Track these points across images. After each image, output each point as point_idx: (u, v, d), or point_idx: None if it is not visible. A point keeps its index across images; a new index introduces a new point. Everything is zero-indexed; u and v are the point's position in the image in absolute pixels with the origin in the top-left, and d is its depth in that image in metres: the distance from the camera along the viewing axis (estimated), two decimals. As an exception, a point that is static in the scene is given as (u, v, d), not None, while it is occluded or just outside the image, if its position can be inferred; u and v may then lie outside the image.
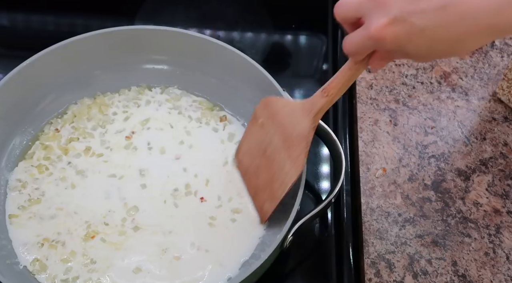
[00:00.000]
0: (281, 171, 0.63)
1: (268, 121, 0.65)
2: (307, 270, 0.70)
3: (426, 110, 0.80)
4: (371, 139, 0.77)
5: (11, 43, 0.91)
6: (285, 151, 0.62)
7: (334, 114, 0.82)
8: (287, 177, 0.62)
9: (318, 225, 0.73)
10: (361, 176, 0.74)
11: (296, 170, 0.62)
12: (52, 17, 0.95)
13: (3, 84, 0.71)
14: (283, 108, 0.64)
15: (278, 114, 0.64)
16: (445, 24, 0.45)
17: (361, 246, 0.69)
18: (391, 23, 0.47)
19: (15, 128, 0.75)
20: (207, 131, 0.77)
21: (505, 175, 0.75)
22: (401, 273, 0.67)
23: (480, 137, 0.78)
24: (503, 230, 0.70)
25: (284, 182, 0.63)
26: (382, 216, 0.71)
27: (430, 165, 0.75)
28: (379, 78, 0.83)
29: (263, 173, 0.66)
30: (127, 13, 0.93)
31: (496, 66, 0.85)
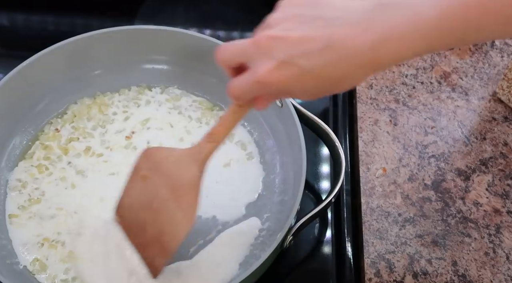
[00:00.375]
0: (172, 223, 0.60)
1: (151, 173, 0.61)
2: (307, 270, 0.70)
3: (426, 110, 0.80)
4: (371, 139, 0.77)
5: (11, 43, 0.91)
6: (174, 202, 0.59)
7: (334, 114, 0.82)
8: (179, 229, 0.59)
9: (318, 225, 0.73)
10: (361, 176, 0.74)
11: (189, 220, 0.59)
12: (52, 17, 0.95)
13: (3, 84, 0.71)
14: (167, 158, 0.61)
15: (162, 165, 0.60)
16: (330, 63, 0.46)
17: (361, 246, 0.69)
18: (278, 67, 0.47)
19: (15, 128, 0.75)
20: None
21: (505, 175, 0.75)
22: (401, 273, 0.67)
23: (480, 137, 0.78)
24: (503, 230, 0.70)
25: (176, 234, 0.59)
26: (382, 216, 0.71)
27: (430, 165, 0.75)
28: (379, 78, 0.83)
29: (150, 228, 0.61)
30: (127, 13, 0.93)
31: (496, 66, 0.85)
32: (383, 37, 0.44)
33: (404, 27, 0.44)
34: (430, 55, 0.86)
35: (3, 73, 0.72)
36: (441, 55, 0.86)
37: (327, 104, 0.84)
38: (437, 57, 0.86)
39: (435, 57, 0.86)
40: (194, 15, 0.93)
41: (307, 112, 0.71)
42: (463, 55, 0.86)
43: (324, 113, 0.82)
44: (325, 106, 0.84)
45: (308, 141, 0.68)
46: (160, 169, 0.60)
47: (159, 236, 0.60)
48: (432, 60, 0.85)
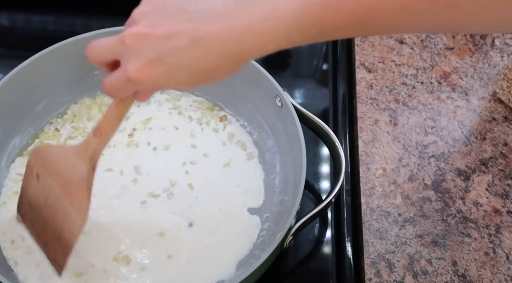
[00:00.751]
0: (67, 220, 0.60)
1: (43, 171, 0.61)
2: (307, 270, 0.70)
3: (426, 110, 0.80)
4: (371, 139, 0.77)
5: (11, 43, 0.91)
6: (66, 199, 0.59)
7: (334, 114, 0.82)
8: (74, 225, 0.59)
9: (318, 225, 0.73)
10: (361, 176, 0.74)
11: (82, 216, 0.58)
12: (52, 17, 0.95)
13: (3, 84, 0.71)
14: (57, 156, 0.60)
15: (53, 162, 0.60)
16: (198, 56, 0.47)
17: (361, 246, 0.69)
18: (147, 65, 0.47)
19: (15, 128, 0.75)
20: (208, 132, 0.77)
21: (505, 175, 0.75)
22: (401, 273, 0.67)
23: (480, 137, 0.78)
24: (503, 230, 0.70)
25: (73, 230, 0.59)
26: (382, 216, 0.71)
27: (430, 165, 0.75)
28: (379, 78, 0.83)
29: (49, 225, 0.61)
30: (127, 13, 0.93)
31: (496, 66, 0.85)
32: (245, 31, 0.45)
33: (265, 21, 0.45)
34: (430, 55, 0.86)
35: (3, 73, 0.72)
36: (441, 55, 0.86)
37: (327, 104, 0.84)
38: (437, 57, 0.86)
39: (435, 57, 0.86)
40: (194, 15, 0.93)
41: (307, 112, 0.71)
42: (463, 55, 0.86)
43: (324, 113, 0.82)
44: (325, 106, 0.84)
45: (308, 141, 0.68)
46: (51, 167, 0.60)
47: (59, 232, 0.60)
48: (432, 60, 0.85)
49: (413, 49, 0.87)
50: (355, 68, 0.84)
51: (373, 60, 0.85)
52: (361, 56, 0.85)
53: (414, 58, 0.86)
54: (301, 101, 0.84)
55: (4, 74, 0.71)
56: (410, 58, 0.86)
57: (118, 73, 0.50)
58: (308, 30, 0.45)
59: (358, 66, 0.84)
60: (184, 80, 0.49)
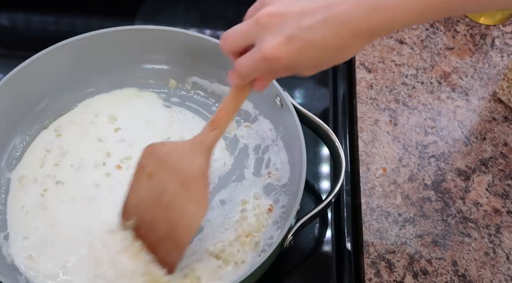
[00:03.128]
0: (184, 215, 0.60)
1: (157, 169, 0.62)
2: (307, 270, 0.70)
3: (426, 110, 0.80)
4: (371, 139, 0.77)
5: (11, 43, 0.91)
6: (184, 195, 0.60)
7: (334, 114, 0.82)
8: (193, 220, 0.60)
9: (318, 225, 0.73)
10: (361, 176, 0.74)
11: (202, 210, 0.60)
12: (52, 17, 0.95)
13: (3, 84, 0.71)
14: (171, 152, 0.61)
15: (167, 159, 0.61)
16: (330, 33, 0.48)
17: (361, 246, 0.69)
18: (284, 42, 0.49)
19: (15, 128, 0.75)
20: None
21: (505, 175, 0.75)
22: (401, 273, 0.67)
23: (480, 137, 0.78)
24: (503, 230, 0.70)
25: (190, 226, 0.60)
26: (382, 216, 0.71)
27: (430, 165, 0.75)
28: (379, 78, 0.83)
29: (161, 224, 0.62)
30: (127, 13, 0.93)
31: (496, 66, 0.85)
32: (375, 7, 0.47)
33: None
34: (430, 55, 0.86)
35: (3, 73, 0.72)
36: (441, 55, 0.86)
37: (327, 104, 0.84)
38: (437, 57, 0.86)
39: (435, 57, 0.86)
40: (194, 15, 0.93)
41: (307, 112, 0.71)
42: (463, 55, 0.86)
43: (324, 113, 0.82)
44: (325, 106, 0.84)
45: (308, 141, 0.68)
46: (166, 163, 0.61)
47: (171, 231, 0.61)
48: (432, 60, 0.85)
49: (413, 49, 0.87)
50: (355, 68, 0.84)
51: (373, 60, 0.85)
52: (361, 56, 0.86)
53: (414, 58, 0.86)
54: (301, 101, 0.84)
55: (4, 74, 0.71)
56: (410, 58, 0.86)
57: (253, 53, 0.51)
58: (438, 5, 0.46)
59: (358, 66, 0.84)
60: (315, 59, 0.50)
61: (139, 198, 0.64)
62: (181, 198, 0.60)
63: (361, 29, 0.48)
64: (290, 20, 0.48)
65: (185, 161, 0.60)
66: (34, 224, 0.68)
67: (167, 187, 0.61)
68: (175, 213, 0.61)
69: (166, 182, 0.61)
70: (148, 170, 0.62)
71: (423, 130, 0.78)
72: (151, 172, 0.62)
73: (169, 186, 0.61)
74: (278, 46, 0.49)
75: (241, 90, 0.56)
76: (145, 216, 0.63)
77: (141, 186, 0.63)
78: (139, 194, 0.64)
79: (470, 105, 0.81)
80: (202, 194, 0.60)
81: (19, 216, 0.69)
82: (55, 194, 0.71)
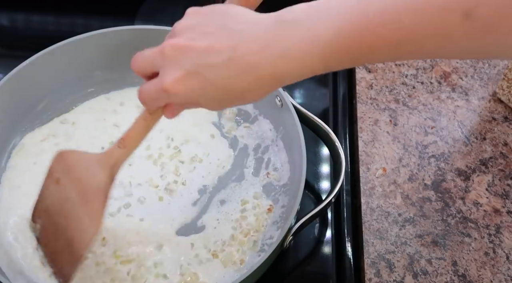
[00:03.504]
0: (79, 229, 0.58)
1: (64, 176, 0.60)
2: (307, 270, 0.70)
3: (426, 110, 0.80)
4: (371, 139, 0.77)
5: (11, 43, 0.91)
6: (82, 207, 0.58)
7: (334, 114, 0.82)
8: (86, 236, 0.58)
9: (318, 225, 0.73)
10: (361, 176, 0.74)
11: (95, 226, 0.58)
12: (52, 17, 0.95)
13: (3, 84, 0.71)
14: (79, 162, 0.60)
15: (74, 168, 0.60)
16: (233, 75, 0.47)
17: (361, 246, 0.69)
18: (184, 77, 0.48)
19: (15, 128, 0.75)
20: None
21: (505, 175, 0.75)
22: (401, 273, 0.67)
23: (480, 137, 0.78)
24: (503, 230, 0.70)
25: (83, 241, 0.58)
26: (382, 216, 0.71)
27: (430, 165, 0.75)
28: (379, 78, 0.83)
29: (61, 234, 0.60)
30: (127, 13, 0.93)
31: (496, 66, 0.85)
32: (282, 54, 0.46)
33: (302, 46, 0.45)
34: (430, 55, 0.86)
35: (3, 73, 0.72)
36: (441, 55, 0.86)
37: (327, 104, 0.84)
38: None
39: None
40: (194, 15, 0.93)
41: (307, 112, 0.71)
42: (463, 55, 0.86)
43: (324, 113, 0.82)
44: (325, 106, 0.84)
45: (308, 141, 0.68)
46: (72, 172, 0.60)
47: (69, 242, 0.59)
48: (432, 60, 0.85)
49: (413, 49, 0.86)
50: (355, 68, 0.84)
51: (373, 60, 0.85)
52: (361, 56, 0.85)
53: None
54: (301, 101, 0.84)
55: (4, 74, 0.71)
56: (410, 58, 0.86)
57: (154, 82, 0.51)
58: (344, 55, 0.45)
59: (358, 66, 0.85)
60: (215, 97, 0.49)
61: (46, 203, 0.62)
62: (79, 210, 0.58)
63: (267, 74, 0.47)
64: (193, 55, 0.47)
65: (88, 174, 0.59)
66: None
67: (70, 196, 0.59)
68: (73, 225, 0.59)
69: (69, 191, 0.59)
70: (56, 176, 0.61)
71: (423, 130, 0.78)
72: (59, 179, 0.61)
73: (71, 196, 0.59)
74: (177, 80, 0.48)
75: (151, 114, 0.55)
76: (50, 222, 0.62)
77: (49, 192, 0.62)
78: (47, 200, 0.62)
79: (470, 105, 0.81)
80: (98, 210, 0.58)
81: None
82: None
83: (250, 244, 0.68)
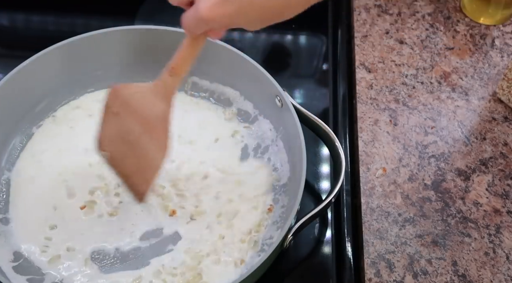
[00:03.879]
0: (148, 155, 0.63)
1: (122, 110, 0.63)
2: (307, 270, 0.70)
3: (426, 110, 0.80)
4: (371, 139, 0.77)
5: (11, 43, 0.91)
6: (147, 136, 0.62)
7: (334, 114, 0.82)
8: (156, 160, 0.62)
9: (318, 225, 0.73)
10: (361, 176, 0.74)
11: (163, 151, 0.62)
12: (52, 17, 0.95)
13: (3, 84, 0.71)
14: (135, 94, 0.63)
15: (130, 101, 0.62)
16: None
17: (361, 246, 0.69)
18: (218, 2, 0.50)
19: (15, 128, 0.75)
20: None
21: (505, 175, 0.75)
22: (401, 273, 0.67)
23: (480, 137, 0.78)
24: (503, 230, 0.70)
25: (154, 165, 0.63)
26: (382, 216, 0.71)
27: (430, 165, 0.75)
28: (379, 78, 0.83)
29: (130, 160, 0.64)
30: (127, 13, 0.93)
31: (496, 66, 0.85)
32: None
33: None
34: (430, 55, 0.86)
35: (3, 73, 0.72)
36: (441, 55, 0.86)
37: (327, 104, 0.84)
38: (437, 57, 0.86)
39: (435, 57, 0.86)
40: (194, 15, 0.93)
41: (307, 112, 0.71)
42: (463, 55, 0.86)
43: (324, 113, 0.82)
44: (325, 106, 0.84)
45: (308, 141, 0.68)
46: (130, 105, 0.62)
47: (139, 167, 0.63)
48: (432, 60, 0.85)
49: (413, 49, 0.87)
50: (355, 68, 0.84)
51: (373, 60, 0.85)
52: (361, 56, 0.86)
53: (414, 58, 0.86)
54: (301, 101, 0.84)
55: (4, 74, 0.71)
56: (410, 58, 0.86)
57: (191, 11, 0.52)
58: None
59: (358, 66, 0.85)
60: (255, 17, 0.51)
61: (110, 133, 0.65)
62: (144, 139, 0.62)
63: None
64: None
65: (147, 104, 0.61)
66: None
67: (132, 127, 0.62)
68: (141, 152, 0.63)
69: (130, 123, 0.62)
70: (114, 110, 0.64)
71: (423, 130, 0.78)
72: (118, 113, 0.63)
73: (133, 127, 0.62)
74: (212, 7, 0.50)
75: (196, 39, 0.57)
76: (117, 149, 0.65)
77: (110, 124, 0.65)
78: (109, 130, 0.65)
79: (470, 105, 0.81)
80: (163, 137, 0.61)
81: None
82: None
83: (250, 244, 0.68)
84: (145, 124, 0.61)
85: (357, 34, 0.88)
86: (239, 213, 0.70)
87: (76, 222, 0.69)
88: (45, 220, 0.69)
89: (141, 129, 0.62)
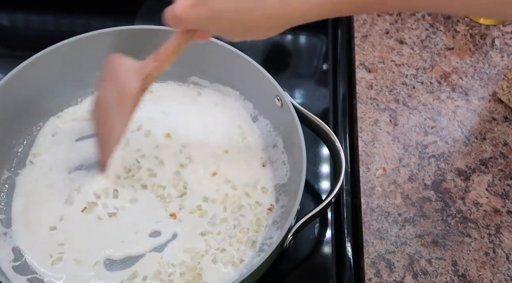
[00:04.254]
0: (113, 126, 0.66)
1: (110, 77, 0.67)
2: (307, 270, 0.70)
3: (426, 110, 0.80)
4: (371, 139, 0.77)
5: (11, 43, 0.91)
6: (115, 108, 0.65)
7: (334, 114, 0.82)
8: (115, 133, 0.65)
9: (318, 225, 0.73)
10: (361, 176, 0.74)
11: (121, 127, 0.65)
12: (52, 17, 0.95)
13: (3, 84, 0.71)
14: (122, 67, 0.65)
15: (118, 71, 0.65)
16: (241, 8, 0.50)
17: (361, 246, 0.69)
18: (193, 5, 0.52)
19: (15, 128, 0.75)
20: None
21: (505, 175, 0.75)
22: (401, 273, 0.67)
23: (480, 137, 0.78)
24: (503, 230, 0.70)
25: (114, 137, 0.66)
26: (382, 216, 0.71)
27: (430, 165, 0.75)
28: (379, 78, 0.83)
29: (103, 127, 0.68)
30: (127, 13, 0.93)
31: (496, 66, 0.85)
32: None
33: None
34: (430, 55, 0.86)
35: (3, 73, 0.72)
36: (441, 55, 0.86)
37: (327, 104, 0.84)
38: (437, 57, 0.86)
39: (435, 57, 0.86)
40: (194, 15, 0.93)
41: (307, 112, 0.71)
42: (463, 55, 0.86)
43: (324, 113, 0.82)
44: (325, 106, 0.84)
45: (308, 141, 0.68)
46: (116, 75, 0.65)
47: (107, 135, 0.67)
48: (432, 60, 0.85)
49: (413, 49, 0.87)
50: (355, 68, 0.84)
51: (373, 60, 0.85)
52: (361, 56, 0.86)
53: (414, 58, 0.86)
54: (301, 101, 0.84)
55: (4, 74, 0.71)
56: (410, 58, 0.86)
57: (170, 8, 0.55)
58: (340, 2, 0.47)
59: (358, 66, 0.85)
60: (225, 28, 0.52)
61: (100, 97, 0.69)
62: (113, 110, 0.65)
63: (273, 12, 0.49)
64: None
65: (126, 79, 0.64)
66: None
67: (111, 96, 0.66)
68: (110, 122, 0.66)
69: (111, 90, 0.66)
70: (105, 75, 0.67)
71: (423, 130, 0.78)
72: (106, 78, 0.67)
73: (112, 95, 0.65)
74: (185, 7, 0.52)
75: (183, 34, 0.59)
76: (100, 114, 0.69)
77: (102, 88, 0.68)
78: (100, 94, 0.69)
79: (470, 105, 0.81)
80: (125, 114, 0.64)
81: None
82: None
83: (249, 244, 0.68)
84: (119, 96, 0.64)
85: (357, 34, 0.88)
86: (239, 213, 0.70)
87: (76, 223, 0.69)
88: (46, 221, 0.69)
89: (116, 99, 0.65)
